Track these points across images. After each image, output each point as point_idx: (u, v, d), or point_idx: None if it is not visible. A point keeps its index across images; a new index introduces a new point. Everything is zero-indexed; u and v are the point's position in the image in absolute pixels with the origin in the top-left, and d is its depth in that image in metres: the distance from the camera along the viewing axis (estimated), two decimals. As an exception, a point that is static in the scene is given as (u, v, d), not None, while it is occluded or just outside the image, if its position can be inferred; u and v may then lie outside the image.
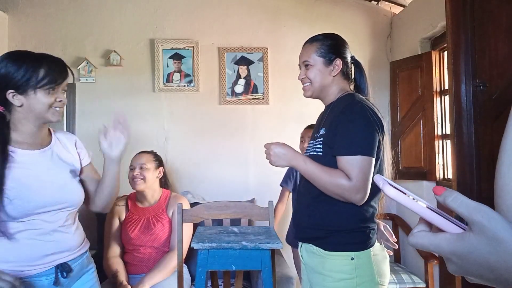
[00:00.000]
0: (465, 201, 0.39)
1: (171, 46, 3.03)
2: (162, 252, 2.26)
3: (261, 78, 3.09)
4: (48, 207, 1.27)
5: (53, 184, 1.30)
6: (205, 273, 1.46)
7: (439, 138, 2.74)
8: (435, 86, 2.73)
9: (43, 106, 1.26)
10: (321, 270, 1.34)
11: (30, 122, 1.28)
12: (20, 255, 1.22)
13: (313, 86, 1.45)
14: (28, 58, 1.26)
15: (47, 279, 1.27)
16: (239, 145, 3.08)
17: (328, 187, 1.29)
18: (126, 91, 3.01)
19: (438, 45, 2.75)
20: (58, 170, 1.34)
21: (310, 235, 1.38)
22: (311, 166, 1.32)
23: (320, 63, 1.43)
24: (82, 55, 2.96)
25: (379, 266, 1.35)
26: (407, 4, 3.11)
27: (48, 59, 1.30)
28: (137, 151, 2.45)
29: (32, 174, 1.26)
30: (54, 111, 1.29)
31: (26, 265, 1.23)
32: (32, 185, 1.24)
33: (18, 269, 1.21)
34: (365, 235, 1.34)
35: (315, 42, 1.45)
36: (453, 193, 0.41)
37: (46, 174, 1.30)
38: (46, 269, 1.27)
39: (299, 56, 1.49)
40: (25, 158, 1.27)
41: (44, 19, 3.00)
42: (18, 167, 1.24)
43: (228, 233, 1.63)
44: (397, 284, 2.58)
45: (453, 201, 0.40)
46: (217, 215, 1.98)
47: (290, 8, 3.18)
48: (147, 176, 2.28)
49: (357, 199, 1.27)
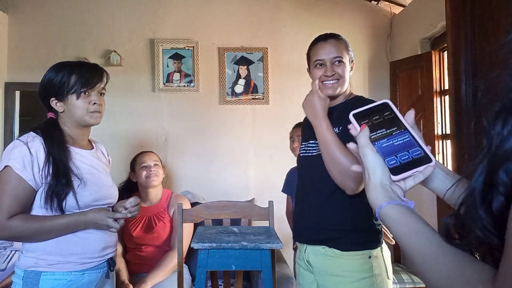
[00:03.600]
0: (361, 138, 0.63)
1: (171, 46, 3.03)
2: (163, 251, 2.27)
3: (261, 78, 3.09)
4: (103, 200, 1.38)
5: (106, 180, 1.43)
6: (205, 273, 1.46)
7: (439, 138, 2.74)
8: (435, 86, 2.73)
9: (79, 110, 1.35)
10: (337, 271, 1.31)
11: (74, 125, 1.38)
12: (84, 248, 1.32)
13: (342, 84, 1.40)
14: (66, 66, 1.36)
15: (101, 272, 1.38)
16: (239, 145, 3.08)
17: (334, 162, 1.27)
18: (126, 91, 3.01)
19: (438, 45, 2.75)
20: (104, 170, 1.47)
21: (323, 236, 1.35)
22: (330, 134, 1.29)
23: (348, 61, 1.41)
24: (82, 55, 2.96)
25: (388, 263, 1.37)
26: (407, 4, 3.11)
27: (83, 65, 1.40)
28: (136, 151, 2.46)
29: (90, 169, 1.38)
30: (92, 114, 1.37)
31: (89, 257, 1.33)
32: (92, 177, 1.36)
33: (82, 261, 1.32)
34: (378, 233, 1.36)
35: (341, 40, 1.41)
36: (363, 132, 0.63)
37: (99, 171, 1.42)
38: (101, 262, 1.38)
39: (323, 52, 1.39)
40: (80, 156, 1.38)
41: (44, 19, 3.00)
42: (79, 160, 1.36)
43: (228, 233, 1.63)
44: (397, 284, 2.58)
45: (359, 136, 0.63)
46: (217, 215, 1.98)
47: (290, 8, 3.18)
48: (160, 173, 2.35)
49: (353, 187, 1.26)
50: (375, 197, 0.60)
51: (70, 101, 1.34)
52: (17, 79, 2.93)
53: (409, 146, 0.62)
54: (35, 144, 1.29)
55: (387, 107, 0.66)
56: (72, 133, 1.39)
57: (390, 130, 0.63)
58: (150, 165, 2.32)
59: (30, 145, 1.28)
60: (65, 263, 1.30)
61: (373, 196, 0.60)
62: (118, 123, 2.97)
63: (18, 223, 1.23)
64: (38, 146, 1.29)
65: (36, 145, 1.28)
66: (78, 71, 1.35)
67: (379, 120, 0.64)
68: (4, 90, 2.92)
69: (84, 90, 1.34)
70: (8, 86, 2.94)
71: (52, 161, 1.27)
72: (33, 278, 1.27)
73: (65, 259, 1.29)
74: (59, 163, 1.28)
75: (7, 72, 2.95)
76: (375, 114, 0.65)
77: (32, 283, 1.26)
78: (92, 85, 1.35)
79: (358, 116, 0.66)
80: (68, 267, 1.30)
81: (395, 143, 0.62)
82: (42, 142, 1.30)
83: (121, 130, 2.98)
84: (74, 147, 1.38)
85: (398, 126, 0.63)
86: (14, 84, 2.95)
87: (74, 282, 1.30)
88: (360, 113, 0.66)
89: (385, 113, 0.65)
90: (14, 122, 2.96)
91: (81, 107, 1.34)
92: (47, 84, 1.36)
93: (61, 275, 1.29)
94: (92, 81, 1.35)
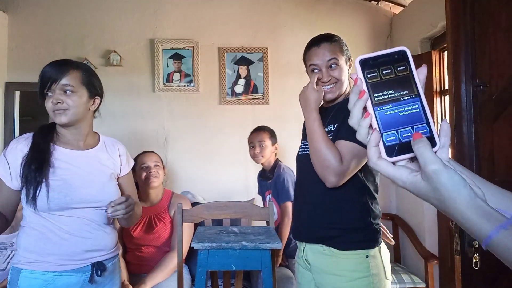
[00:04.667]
0: (424, 152, 0.46)
1: (171, 46, 3.03)
2: (163, 252, 2.27)
3: (261, 78, 3.09)
4: (85, 203, 1.34)
5: (93, 183, 1.37)
6: (205, 273, 1.46)
7: (439, 138, 2.74)
8: (435, 86, 2.73)
9: (49, 111, 1.33)
10: (334, 270, 1.32)
11: (59, 126, 1.38)
12: (62, 249, 1.30)
13: (340, 87, 1.39)
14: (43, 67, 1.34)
15: (83, 275, 1.34)
16: (239, 145, 3.08)
17: (318, 155, 1.27)
18: (126, 91, 3.01)
19: (438, 45, 2.75)
20: (96, 172, 1.40)
21: (321, 234, 1.35)
22: (319, 128, 1.29)
23: (344, 62, 1.39)
24: (82, 55, 2.96)
25: (386, 263, 1.36)
26: (407, 4, 3.11)
27: (50, 64, 1.34)
28: (137, 151, 2.45)
29: (71, 171, 1.34)
30: (54, 113, 1.33)
31: (67, 259, 1.30)
32: (71, 180, 1.32)
33: (59, 263, 1.29)
34: (376, 232, 1.35)
35: (334, 41, 1.39)
36: (421, 142, 0.47)
37: (86, 174, 1.37)
38: (84, 265, 1.34)
39: (316, 58, 1.38)
40: (66, 157, 1.35)
41: (44, 19, 3.00)
42: (60, 162, 1.33)
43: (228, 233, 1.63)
44: (397, 284, 2.58)
45: (417, 149, 0.47)
46: (217, 215, 1.98)
47: (290, 8, 3.18)
48: (161, 174, 2.34)
49: (333, 181, 1.26)
50: (471, 224, 0.45)
51: (44, 101, 1.34)
52: (17, 79, 2.93)
53: (415, 121, 0.50)
54: (19, 145, 1.31)
55: (403, 58, 0.52)
56: (62, 133, 1.39)
57: (399, 93, 0.50)
58: (150, 166, 2.31)
59: (10, 147, 1.31)
60: (43, 262, 1.28)
61: (467, 223, 0.45)
62: (118, 123, 2.97)
63: None
64: (22, 146, 1.31)
65: (20, 146, 1.31)
66: (42, 72, 1.33)
67: (389, 77, 0.51)
68: (4, 90, 2.92)
69: (46, 91, 1.32)
70: (8, 86, 2.94)
71: (31, 154, 1.29)
72: (15, 275, 1.28)
73: (43, 258, 1.28)
74: (35, 153, 1.29)
75: (7, 72, 2.95)
76: (387, 66, 0.51)
77: (13, 280, 1.27)
78: (49, 85, 1.31)
79: (365, 64, 0.52)
80: (45, 267, 1.28)
81: (400, 113, 0.50)
82: (30, 142, 1.32)
83: (121, 130, 2.97)
84: (60, 146, 1.37)
85: (410, 90, 0.50)
86: (14, 84, 2.95)
87: (50, 283, 1.28)
88: (369, 60, 0.52)
89: (399, 68, 0.51)
90: (14, 122, 2.96)
91: (48, 108, 1.33)
92: None
93: (38, 274, 1.27)
94: (48, 80, 1.31)
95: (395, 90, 0.51)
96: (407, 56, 0.52)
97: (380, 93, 0.51)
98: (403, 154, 0.50)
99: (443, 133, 0.49)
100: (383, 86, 0.51)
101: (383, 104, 0.50)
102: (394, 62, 0.52)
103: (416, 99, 0.50)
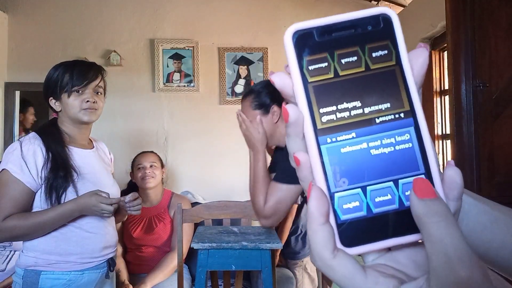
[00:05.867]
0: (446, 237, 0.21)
1: (171, 46, 3.03)
2: (163, 252, 2.27)
3: (261, 78, 3.09)
4: None
5: (106, 180, 1.43)
6: (205, 273, 1.46)
7: (439, 138, 2.74)
8: (435, 86, 2.73)
9: (73, 108, 1.36)
10: None
11: (71, 124, 1.40)
12: (84, 247, 1.33)
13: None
14: (62, 65, 1.38)
15: (100, 272, 1.39)
16: (239, 145, 3.08)
17: (252, 196, 1.34)
18: (126, 91, 3.01)
19: (438, 45, 2.75)
20: (104, 170, 1.47)
21: None
22: (261, 169, 1.34)
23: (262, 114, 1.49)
24: (82, 55, 2.95)
25: None
26: (407, 4, 3.11)
27: (78, 63, 1.40)
28: (136, 151, 2.45)
29: (89, 168, 1.39)
30: (85, 111, 1.36)
31: (88, 257, 1.34)
32: (92, 177, 1.37)
33: (81, 261, 1.32)
34: None
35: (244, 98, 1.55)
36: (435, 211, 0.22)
37: (99, 170, 1.43)
38: (101, 262, 1.39)
39: None
40: (81, 157, 1.39)
41: (44, 19, 3.00)
42: (79, 163, 1.37)
43: (228, 233, 1.63)
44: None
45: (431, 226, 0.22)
46: (217, 215, 1.97)
47: (290, 8, 3.18)
48: (157, 175, 2.31)
49: (262, 223, 1.33)
50: None
51: (64, 99, 1.36)
52: (17, 79, 2.93)
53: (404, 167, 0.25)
54: (32, 146, 1.30)
55: (385, 32, 0.26)
56: (71, 132, 1.40)
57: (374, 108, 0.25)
58: (145, 166, 2.30)
59: (25, 147, 1.29)
60: (65, 262, 1.30)
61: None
62: (118, 123, 2.97)
63: (13, 222, 1.24)
64: (35, 147, 1.30)
65: (33, 147, 1.29)
66: (71, 69, 1.36)
67: (354, 71, 0.26)
68: (4, 90, 2.92)
69: (76, 89, 1.35)
70: (8, 86, 2.94)
71: (52, 157, 1.29)
72: (33, 277, 1.28)
73: (65, 258, 1.30)
74: (58, 158, 1.30)
75: (7, 72, 2.95)
76: (350, 48, 0.26)
77: (32, 282, 1.27)
78: (84, 84, 1.36)
79: (305, 43, 0.29)
80: (67, 267, 1.30)
81: (373, 151, 0.25)
82: (41, 142, 1.31)
83: (121, 130, 2.98)
84: (72, 146, 1.38)
85: (394, 100, 0.25)
86: (14, 84, 2.94)
87: (73, 282, 1.31)
88: (312, 34, 0.28)
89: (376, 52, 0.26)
90: (14, 122, 2.95)
91: (74, 105, 1.35)
92: (45, 84, 1.39)
93: (61, 274, 1.29)
94: (84, 79, 1.36)
95: (364, 100, 0.25)
96: (392, 28, 0.26)
97: (332, 108, 0.25)
98: (378, 241, 0.24)
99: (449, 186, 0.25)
100: (339, 93, 0.25)
101: (338, 131, 0.25)
102: (366, 39, 0.26)
103: (406, 121, 0.25)
